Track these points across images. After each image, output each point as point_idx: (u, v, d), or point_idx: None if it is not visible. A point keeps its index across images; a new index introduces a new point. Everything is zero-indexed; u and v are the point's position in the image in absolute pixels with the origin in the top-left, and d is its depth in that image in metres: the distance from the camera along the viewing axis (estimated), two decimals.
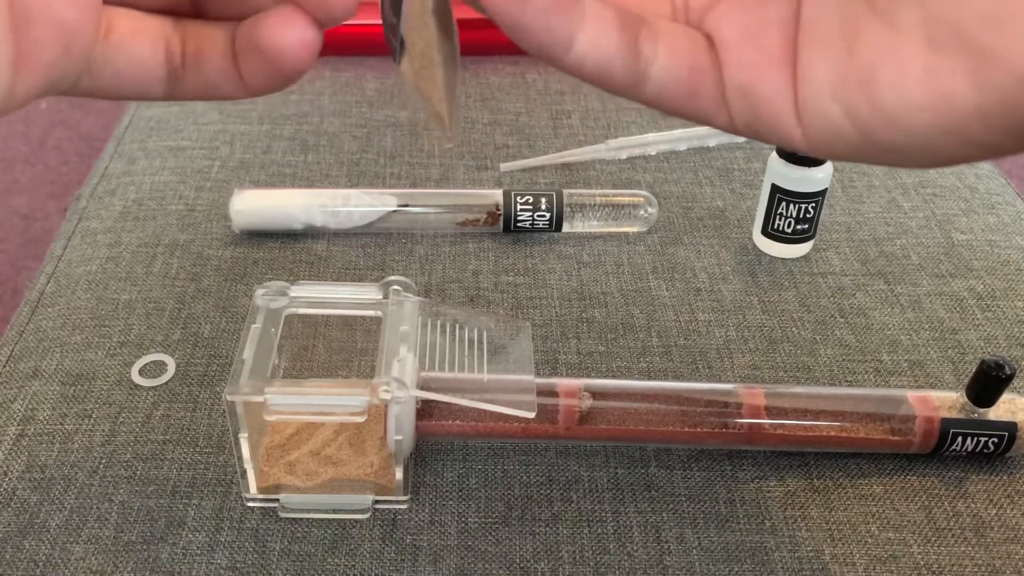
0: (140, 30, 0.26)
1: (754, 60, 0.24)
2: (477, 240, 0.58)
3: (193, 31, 0.26)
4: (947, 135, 0.21)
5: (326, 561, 0.39)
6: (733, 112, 0.25)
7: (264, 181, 0.63)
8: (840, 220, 0.60)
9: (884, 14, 0.22)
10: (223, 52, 0.26)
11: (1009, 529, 0.41)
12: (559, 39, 0.23)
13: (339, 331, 0.50)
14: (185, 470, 0.42)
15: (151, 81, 0.26)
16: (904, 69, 0.21)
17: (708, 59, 0.25)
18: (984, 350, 0.51)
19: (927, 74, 0.21)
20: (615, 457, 0.44)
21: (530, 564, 0.39)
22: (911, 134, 0.22)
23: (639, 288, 0.54)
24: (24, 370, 0.48)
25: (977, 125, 0.21)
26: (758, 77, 0.24)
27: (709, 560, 0.39)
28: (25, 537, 0.39)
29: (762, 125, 0.24)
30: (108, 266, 0.54)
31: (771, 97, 0.24)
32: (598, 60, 0.24)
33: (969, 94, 0.20)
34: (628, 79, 0.24)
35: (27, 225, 1.60)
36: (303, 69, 0.25)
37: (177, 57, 0.26)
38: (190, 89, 0.27)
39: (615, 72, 0.24)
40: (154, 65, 0.26)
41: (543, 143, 0.68)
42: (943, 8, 0.20)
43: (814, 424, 0.42)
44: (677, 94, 0.25)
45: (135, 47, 0.25)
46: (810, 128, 0.24)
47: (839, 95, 0.23)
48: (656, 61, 0.24)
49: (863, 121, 0.22)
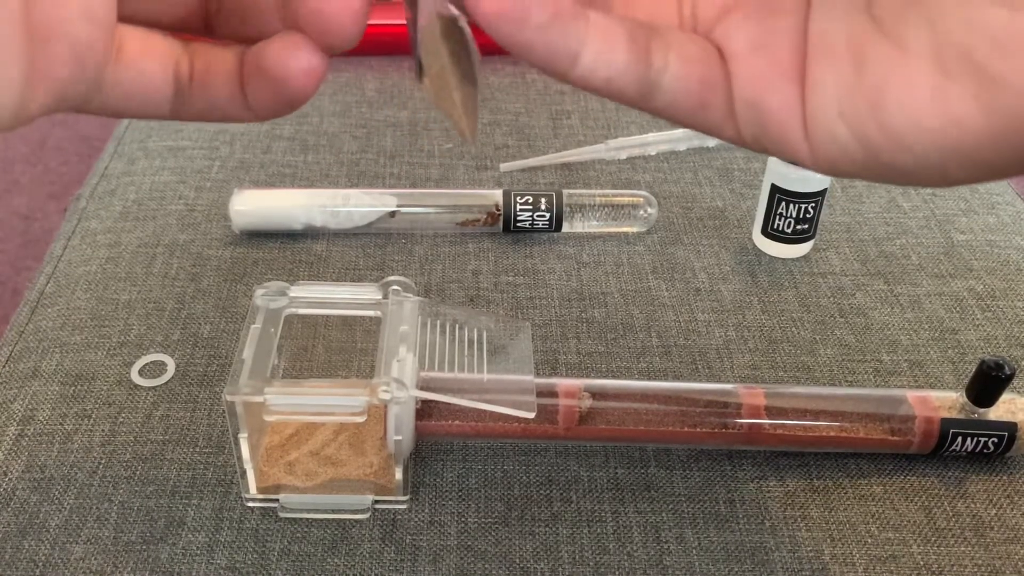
0: (150, 50, 0.26)
1: (763, 74, 0.24)
2: (477, 240, 0.58)
3: (202, 53, 0.26)
4: (955, 157, 0.21)
5: (326, 561, 0.39)
6: (741, 126, 0.24)
7: (264, 181, 0.63)
8: (840, 220, 0.60)
9: (892, 34, 0.21)
10: (230, 75, 0.26)
11: (1009, 529, 0.41)
12: (562, 55, 0.23)
13: (339, 331, 0.50)
14: (185, 470, 0.42)
15: (159, 101, 0.26)
16: (912, 91, 0.21)
17: (719, 70, 0.24)
18: (984, 350, 0.51)
19: (936, 97, 0.21)
20: (615, 457, 0.44)
21: (530, 564, 0.39)
22: (919, 155, 0.22)
23: (639, 288, 0.54)
24: (24, 370, 0.48)
25: (986, 148, 0.21)
26: (767, 91, 0.24)
27: (709, 560, 0.39)
28: (25, 537, 0.39)
29: (769, 140, 0.24)
30: (108, 266, 0.54)
31: (779, 112, 0.24)
32: (606, 74, 0.23)
33: (978, 118, 0.20)
34: (639, 90, 0.24)
35: (27, 225, 1.60)
36: (307, 95, 0.25)
37: (185, 77, 0.26)
38: (196, 110, 0.27)
39: (625, 84, 0.24)
40: (163, 84, 0.26)
41: (543, 143, 0.68)
42: (953, 32, 0.20)
43: (814, 424, 0.42)
44: (687, 105, 0.24)
45: (145, 66, 0.25)
46: (817, 145, 0.23)
47: (846, 114, 0.22)
48: (667, 71, 0.24)
49: (870, 141, 0.22)
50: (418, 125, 0.69)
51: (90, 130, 1.81)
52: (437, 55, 0.25)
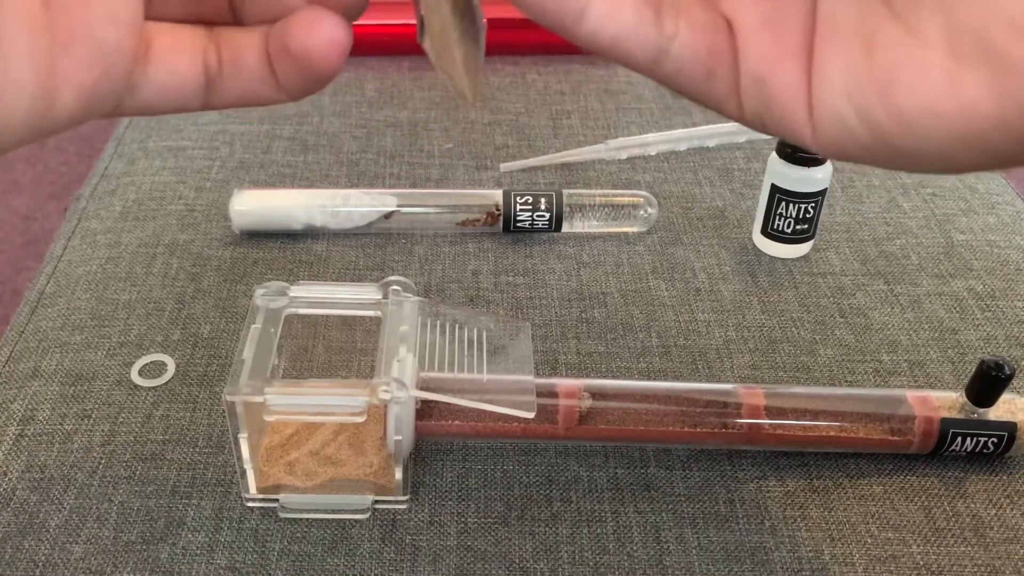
0: (178, 44, 0.25)
1: (771, 51, 0.23)
2: (477, 240, 0.58)
3: (228, 38, 0.26)
4: (964, 143, 0.21)
5: (326, 561, 0.39)
6: (744, 101, 0.24)
7: (264, 181, 0.63)
8: (840, 220, 0.60)
9: (904, 17, 0.21)
10: (259, 58, 0.26)
11: (1009, 529, 0.41)
12: (569, 8, 0.22)
13: (339, 331, 0.50)
14: (185, 470, 0.42)
15: (191, 94, 0.26)
16: (924, 75, 0.21)
17: (727, 42, 0.24)
18: (984, 350, 0.51)
19: (948, 82, 0.20)
20: (615, 457, 0.44)
21: (530, 564, 0.39)
22: (927, 140, 0.21)
23: (639, 288, 0.54)
24: (24, 370, 0.48)
25: (996, 135, 0.21)
26: (774, 69, 0.23)
27: (709, 560, 0.39)
28: (25, 537, 0.39)
29: (772, 118, 0.24)
30: (108, 266, 0.54)
31: (785, 91, 0.23)
32: (614, 32, 0.23)
33: (990, 104, 0.20)
34: (647, 54, 0.23)
35: (27, 225, 1.60)
36: (335, 68, 0.25)
37: (214, 66, 0.26)
38: (229, 97, 0.27)
39: (632, 46, 0.23)
40: (193, 76, 0.26)
41: (543, 143, 0.68)
42: (968, 15, 0.20)
43: (814, 424, 0.42)
44: (694, 74, 0.24)
45: (175, 63, 0.25)
46: (821, 127, 0.23)
47: (854, 96, 0.22)
48: (677, 38, 0.23)
49: (878, 124, 0.22)
50: (418, 125, 0.69)
51: (90, 130, 1.81)
52: (438, 10, 0.24)
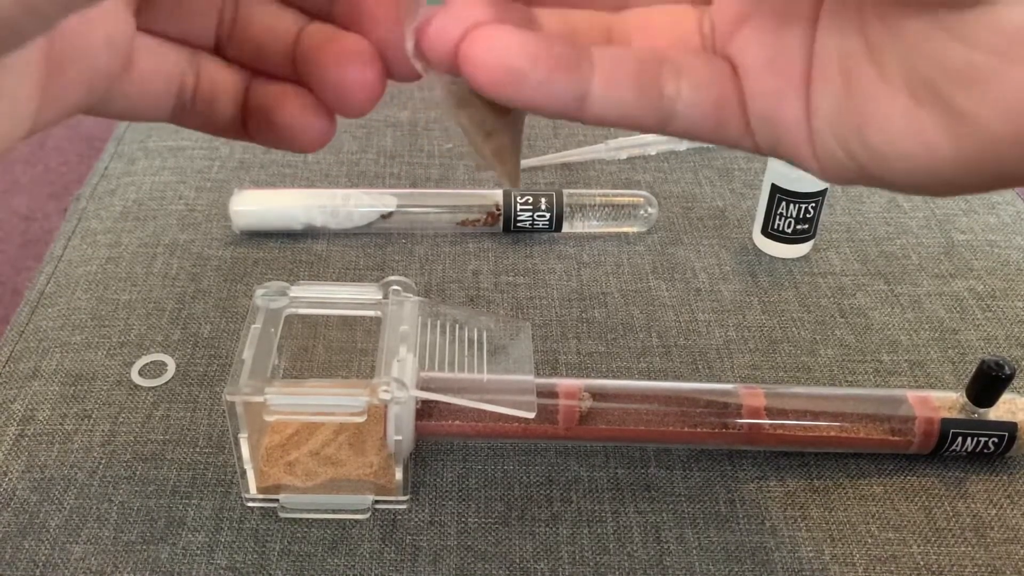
0: (159, 68, 0.26)
1: (775, 89, 0.24)
2: (477, 240, 0.58)
3: (208, 71, 0.27)
4: (931, 178, 0.22)
5: (326, 561, 0.39)
6: (758, 139, 0.25)
7: (264, 181, 0.63)
8: (840, 220, 0.60)
9: (877, 58, 0.22)
10: (233, 100, 0.27)
11: (1009, 529, 0.41)
12: (568, 102, 0.23)
13: (339, 331, 0.50)
14: (185, 470, 0.42)
15: (160, 112, 0.27)
16: (889, 116, 0.22)
17: (732, 89, 0.25)
18: (984, 350, 0.51)
19: (909, 124, 0.21)
20: (615, 457, 0.44)
21: (530, 564, 0.39)
22: (902, 174, 0.22)
23: (639, 288, 0.54)
24: (24, 370, 0.48)
25: (958, 172, 0.21)
26: (779, 107, 0.24)
27: (709, 560, 0.39)
28: (25, 537, 0.39)
29: (784, 151, 0.25)
30: (108, 266, 0.54)
31: (790, 127, 0.24)
32: (618, 112, 0.23)
33: (946, 146, 0.21)
34: (654, 120, 0.24)
35: (27, 225, 1.60)
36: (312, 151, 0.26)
37: (188, 94, 0.27)
38: (194, 123, 0.28)
39: (640, 117, 0.24)
40: (167, 99, 0.26)
41: (543, 143, 0.68)
42: (921, 64, 0.21)
43: (814, 424, 0.42)
44: (705, 127, 0.25)
45: (151, 84, 0.26)
46: (820, 158, 0.24)
47: (837, 133, 0.23)
48: (680, 98, 0.24)
49: (858, 159, 0.23)
50: (418, 125, 0.69)
51: (90, 130, 1.81)
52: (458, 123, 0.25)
